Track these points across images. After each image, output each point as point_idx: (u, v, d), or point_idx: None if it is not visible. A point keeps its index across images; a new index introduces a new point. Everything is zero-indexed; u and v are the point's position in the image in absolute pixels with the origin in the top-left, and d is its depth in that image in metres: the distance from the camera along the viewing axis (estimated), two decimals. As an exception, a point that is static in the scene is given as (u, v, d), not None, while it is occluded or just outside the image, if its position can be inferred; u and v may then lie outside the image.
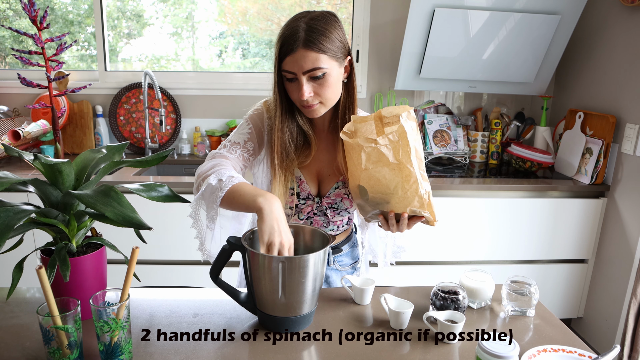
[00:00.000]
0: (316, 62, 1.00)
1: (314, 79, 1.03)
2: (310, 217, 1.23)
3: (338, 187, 1.19)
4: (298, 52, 1.00)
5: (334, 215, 1.22)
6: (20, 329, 0.94)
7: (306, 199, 1.20)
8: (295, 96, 1.06)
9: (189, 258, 2.16)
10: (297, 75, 1.02)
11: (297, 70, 1.01)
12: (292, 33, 1.00)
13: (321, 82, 1.03)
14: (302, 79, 1.02)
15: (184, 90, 2.61)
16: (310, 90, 1.03)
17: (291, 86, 1.06)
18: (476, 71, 2.40)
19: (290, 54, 1.01)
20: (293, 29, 1.01)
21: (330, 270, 1.31)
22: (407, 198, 1.01)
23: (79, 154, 0.95)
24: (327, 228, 1.26)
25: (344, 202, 1.21)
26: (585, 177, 2.22)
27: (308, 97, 1.03)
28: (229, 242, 0.95)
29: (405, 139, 0.98)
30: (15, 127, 2.36)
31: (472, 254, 2.24)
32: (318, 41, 1.00)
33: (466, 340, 0.94)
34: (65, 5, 2.69)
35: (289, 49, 1.00)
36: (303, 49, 0.99)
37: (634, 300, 1.94)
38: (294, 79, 1.04)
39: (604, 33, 2.26)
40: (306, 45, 0.99)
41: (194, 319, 0.99)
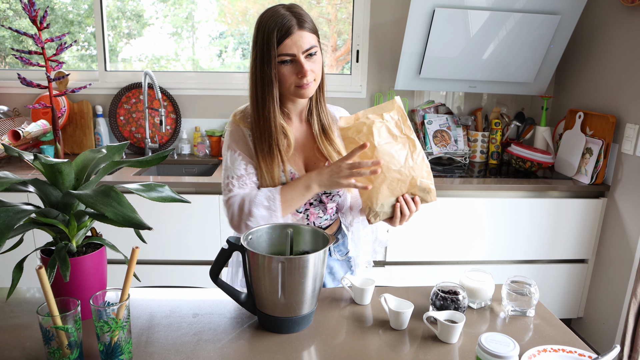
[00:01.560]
0: (311, 40, 1.11)
1: (309, 57, 1.11)
2: (307, 209, 1.24)
3: None
4: (296, 33, 1.08)
5: (328, 201, 1.25)
6: (20, 329, 0.94)
7: None
8: (292, 78, 1.11)
9: (189, 258, 2.16)
10: (297, 56, 1.09)
11: (296, 50, 1.09)
12: (282, 19, 1.08)
13: (315, 60, 1.12)
14: (301, 58, 1.09)
15: (184, 90, 2.61)
16: (309, 68, 1.10)
17: (287, 69, 1.11)
18: (476, 71, 2.40)
19: (288, 36, 1.08)
20: (282, 17, 1.09)
21: (333, 261, 1.33)
22: (417, 167, 1.09)
23: (79, 154, 0.95)
24: (322, 218, 1.27)
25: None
26: (585, 177, 2.22)
27: (309, 75, 1.10)
28: (229, 242, 0.95)
29: (404, 115, 1.10)
30: (15, 127, 2.36)
31: (472, 254, 2.24)
32: (307, 22, 1.11)
33: (466, 340, 0.94)
34: (65, 5, 2.69)
35: (287, 32, 1.08)
36: (299, 30, 1.08)
37: (634, 300, 1.94)
38: (290, 61, 1.10)
39: (604, 33, 2.25)
40: (301, 26, 1.09)
41: (194, 319, 0.99)
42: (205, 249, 2.14)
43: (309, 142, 1.24)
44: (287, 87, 1.13)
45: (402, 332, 0.96)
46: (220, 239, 2.12)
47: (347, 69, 2.73)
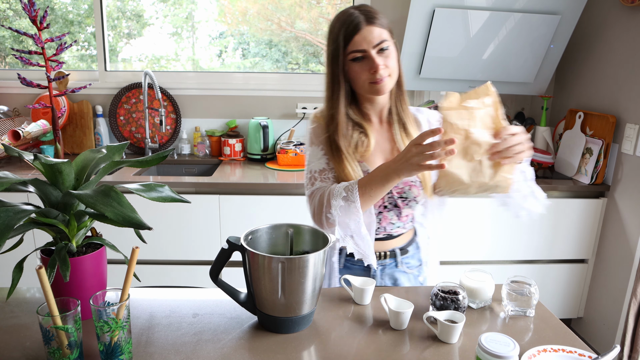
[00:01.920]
0: (381, 35, 1.09)
1: (381, 52, 1.10)
2: (381, 212, 1.22)
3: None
4: (365, 29, 1.08)
5: (404, 207, 1.22)
6: (20, 329, 0.94)
7: None
8: (365, 75, 1.10)
9: (189, 258, 2.16)
10: (367, 50, 1.08)
11: (366, 45, 1.08)
12: (350, 17, 1.09)
13: (387, 54, 1.10)
14: (372, 53, 1.08)
15: (184, 90, 2.61)
16: (382, 63, 1.09)
17: (359, 67, 1.10)
18: (476, 71, 2.40)
19: (357, 32, 1.08)
20: (350, 15, 1.09)
21: (399, 273, 1.28)
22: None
23: (79, 154, 0.95)
24: (395, 225, 1.24)
25: (412, 190, 1.20)
26: (585, 177, 2.22)
27: (382, 70, 1.09)
28: (229, 242, 0.95)
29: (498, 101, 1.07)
30: (15, 127, 2.36)
31: (472, 254, 2.24)
32: (376, 17, 1.10)
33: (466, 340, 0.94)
34: (65, 5, 2.69)
35: (355, 29, 1.08)
36: (368, 26, 1.08)
37: (634, 300, 1.94)
38: (362, 58, 1.09)
39: (604, 33, 2.25)
40: (369, 21, 1.08)
41: (194, 319, 0.99)
42: (205, 249, 2.14)
43: (389, 143, 1.22)
44: (360, 84, 1.12)
45: (402, 332, 0.96)
46: (220, 239, 2.12)
47: (347, 69, 2.73)
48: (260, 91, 2.63)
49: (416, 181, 1.20)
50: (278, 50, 2.81)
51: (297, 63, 2.84)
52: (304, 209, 2.13)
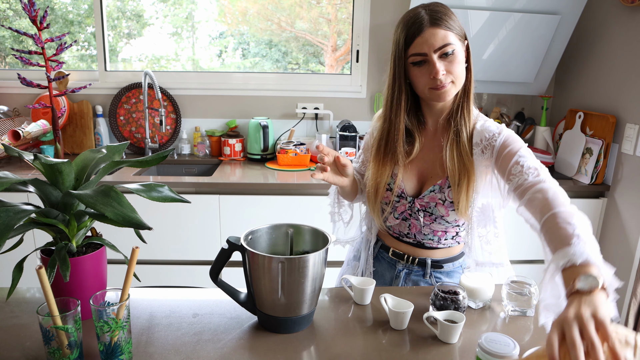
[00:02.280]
0: (445, 38, 1.02)
1: (444, 57, 1.03)
2: (407, 219, 1.20)
3: (434, 190, 1.14)
4: (427, 31, 1.01)
5: (430, 222, 1.16)
6: (20, 329, 0.94)
7: (400, 197, 1.17)
8: (425, 80, 1.05)
9: (189, 258, 2.16)
10: (428, 54, 1.03)
11: (427, 49, 1.02)
12: (415, 17, 1.03)
13: (451, 59, 1.04)
14: (434, 57, 1.03)
15: (184, 90, 2.61)
16: (443, 68, 1.03)
17: (419, 71, 1.05)
18: (476, 71, 2.40)
19: (419, 34, 1.02)
20: (414, 15, 1.04)
21: (425, 284, 1.23)
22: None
23: (79, 154, 0.95)
24: (426, 237, 1.19)
25: (439, 208, 1.14)
26: (585, 177, 2.22)
27: (442, 75, 1.03)
28: (229, 242, 0.95)
29: None
30: (15, 127, 2.36)
31: (472, 254, 2.24)
32: (443, 19, 1.02)
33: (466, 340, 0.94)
34: (65, 5, 2.69)
35: (417, 30, 1.02)
36: (431, 28, 1.01)
37: (634, 300, 1.94)
38: (422, 62, 1.04)
39: (604, 33, 2.25)
40: (433, 23, 1.02)
41: (194, 319, 0.99)
42: (205, 249, 2.14)
43: (435, 152, 1.16)
44: (421, 89, 1.08)
45: (402, 332, 0.96)
46: (220, 239, 2.12)
47: (347, 69, 2.73)
48: (260, 91, 2.63)
49: (446, 200, 1.13)
50: (278, 50, 2.81)
51: (297, 63, 2.84)
52: (304, 209, 2.13)
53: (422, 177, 1.18)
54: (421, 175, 1.18)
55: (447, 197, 1.14)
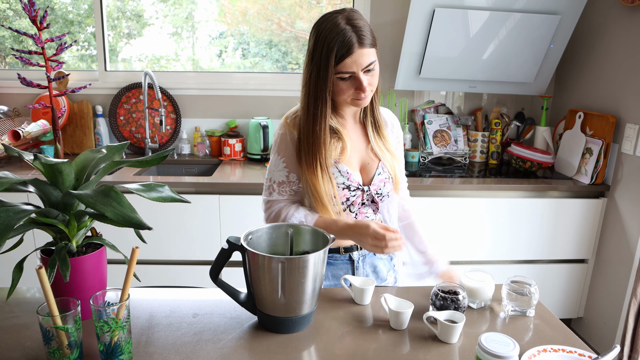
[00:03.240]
0: (370, 56, 1.09)
1: (368, 72, 1.11)
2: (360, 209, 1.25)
3: (380, 172, 1.24)
4: (356, 52, 1.07)
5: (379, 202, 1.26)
6: (20, 329, 0.94)
7: (356, 190, 1.21)
8: (349, 92, 1.12)
9: (189, 258, 2.16)
10: (356, 73, 1.09)
11: (356, 69, 1.08)
12: (343, 36, 1.06)
13: (373, 73, 1.12)
14: (361, 75, 1.09)
15: (184, 90, 2.61)
16: (367, 82, 1.10)
17: (346, 84, 1.11)
18: (476, 71, 2.40)
19: (348, 55, 1.07)
20: (341, 32, 1.06)
21: (377, 260, 1.32)
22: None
23: (79, 154, 0.95)
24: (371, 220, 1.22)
25: (386, 185, 1.25)
26: (585, 177, 2.22)
27: (367, 89, 1.11)
28: (229, 242, 0.95)
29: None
30: (15, 127, 2.36)
31: (472, 254, 2.24)
32: (367, 37, 1.08)
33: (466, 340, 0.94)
34: (65, 5, 2.69)
35: (347, 51, 1.06)
36: (360, 49, 1.07)
37: (634, 300, 1.94)
38: (348, 78, 1.10)
39: (604, 33, 2.25)
40: (361, 44, 1.07)
41: (194, 319, 0.99)
42: (205, 249, 2.14)
43: (363, 142, 1.25)
44: (344, 98, 1.13)
45: (402, 332, 0.96)
46: (220, 239, 2.12)
47: (347, 69, 2.73)
48: (260, 91, 2.63)
49: (389, 178, 1.25)
50: (278, 50, 2.81)
51: (297, 63, 2.84)
52: (304, 209, 2.12)
53: (362, 167, 1.25)
54: (361, 165, 1.25)
55: (389, 174, 1.26)
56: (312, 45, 1.11)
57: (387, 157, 1.24)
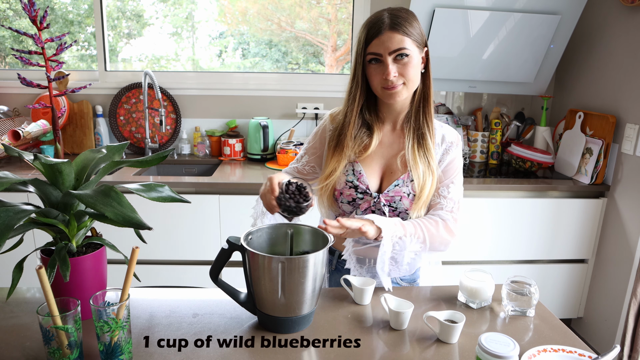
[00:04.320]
0: (401, 42, 1.07)
1: (398, 60, 1.09)
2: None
3: (398, 184, 1.17)
4: (385, 34, 1.07)
5: (392, 216, 1.18)
6: (20, 329, 0.94)
7: (364, 194, 1.19)
8: (379, 79, 1.11)
9: (189, 258, 2.16)
10: (383, 56, 1.08)
11: (383, 50, 1.08)
12: (377, 19, 1.09)
13: (405, 63, 1.09)
14: (388, 59, 1.08)
15: (184, 90, 2.61)
16: (395, 71, 1.09)
17: (375, 69, 1.11)
18: (476, 71, 2.40)
19: (377, 36, 1.08)
20: (378, 17, 1.10)
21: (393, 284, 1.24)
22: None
23: (79, 154, 0.95)
24: None
25: (403, 201, 1.17)
26: (585, 177, 2.22)
27: (393, 77, 1.09)
28: (229, 242, 0.95)
29: None
30: (15, 127, 2.36)
31: (472, 254, 2.24)
32: (402, 25, 1.08)
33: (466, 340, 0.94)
34: (65, 5, 2.69)
35: (376, 32, 1.08)
36: (389, 31, 1.07)
37: (634, 300, 1.94)
38: (378, 61, 1.10)
39: (604, 33, 2.25)
40: (392, 27, 1.07)
41: (194, 319, 0.99)
42: (205, 249, 2.14)
43: (396, 150, 1.20)
44: (374, 86, 1.14)
45: (402, 332, 0.96)
46: (220, 239, 2.12)
47: (347, 69, 2.73)
48: (260, 91, 2.63)
49: (410, 193, 1.17)
50: (278, 50, 2.81)
51: (297, 63, 2.84)
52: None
53: (381, 174, 1.21)
54: (381, 171, 1.21)
55: (411, 191, 1.18)
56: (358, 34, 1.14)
57: (420, 170, 1.15)
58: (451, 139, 1.20)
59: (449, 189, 1.20)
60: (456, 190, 1.21)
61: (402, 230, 1.10)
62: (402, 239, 1.10)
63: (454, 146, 1.20)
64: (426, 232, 1.13)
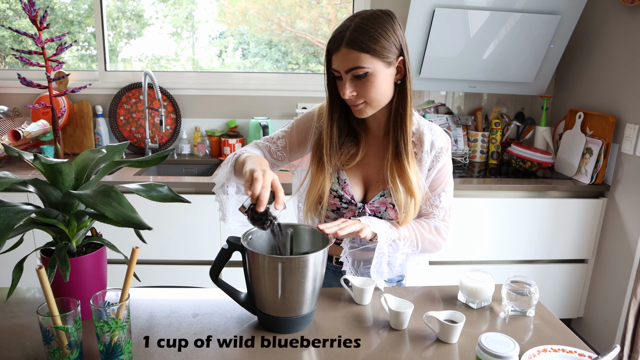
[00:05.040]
0: (357, 61, 1.00)
1: (357, 78, 1.03)
2: None
3: (384, 194, 1.14)
4: (341, 50, 1.02)
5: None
6: (20, 329, 0.94)
7: (348, 204, 1.16)
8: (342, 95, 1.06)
9: (188, 258, 2.16)
10: (341, 73, 1.04)
11: (340, 68, 1.03)
12: (339, 32, 1.03)
13: (364, 82, 1.03)
14: (345, 77, 1.04)
15: (184, 90, 2.61)
16: (352, 90, 1.04)
17: (339, 84, 1.07)
18: (476, 71, 2.40)
19: (335, 52, 1.03)
20: (341, 28, 1.03)
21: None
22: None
23: (79, 154, 0.95)
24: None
25: (389, 212, 1.15)
26: (585, 177, 2.22)
27: (350, 96, 1.04)
28: (229, 242, 0.95)
29: None
30: (15, 127, 2.36)
31: (472, 254, 2.24)
32: (360, 40, 0.99)
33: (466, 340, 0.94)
34: (65, 5, 2.69)
35: (335, 47, 1.03)
36: (345, 48, 1.01)
37: (634, 300, 1.94)
38: (340, 77, 1.06)
39: (604, 33, 2.25)
40: (348, 44, 1.00)
41: (194, 319, 0.99)
42: (205, 249, 2.14)
43: (379, 158, 1.16)
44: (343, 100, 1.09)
45: (402, 332, 0.96)
46: (220, 239, 2.12)
47: (347, 69, 2.73)
48: (260, 91, 2.63)
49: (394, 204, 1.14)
50: (278, 50, 2.81)
51: (297, 63, 2.84)
52: (304, 209, 2.13)
53: (367, 183, 1.18)
54: (366, 180, 1.18)
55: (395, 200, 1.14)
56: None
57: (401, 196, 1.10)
58: (440, 144, 1.15)
59: (441, 197, 1.18)
60: (447, 198, 1.19)
61: (396, 233, 1.11)
62: (396, 241, 1.11)
63: (444, 152, 1.15)
64: (419, 236, 1.14)
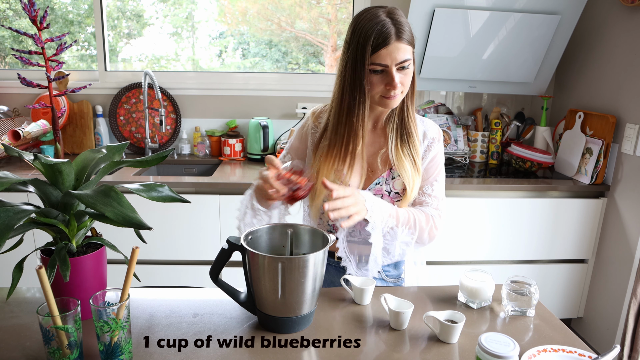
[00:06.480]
0: (407, 53, 1.05)
1: (401, 70, 1.07)
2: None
3: (379, 183, 1.18)
4: (393, 44, 1.03)
5: None
6: (20, 329, 0.94)
7: None
8: (379, 88, 1.08)
9: (189, 258, 2.16)
10: (389, 67, 1.05)
11: (390, 62, 1.04)
12: (382, 27, 1.03)
13: (406, 72, 1.08)
14: (393, 70, 1.05)
15: (184, 90, 2.61)
16: (399, 80, 1.07)
17: (377, 78, 1.07)
18: (476, 71, 2.40)
19: (384, 46, 1.03)
20: (380, 23, 1.03)
21: (378, 280, 1.28)
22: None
23: (79, 154, 0.95)
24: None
25: (384, 199, 1.17)
26: (585, 177, 2.22)
27: (398, 88, 1.07)
28: (229, 242, 0.95)
29: None
30: (15, 127, 2.36)
31: (472, 254, 2.24)
32: (407, 33, 1.05)
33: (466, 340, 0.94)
34: (65, 5, 2.69)
35: (383, 42, 1.03)
36: (397, 42, 1.03)
37: (634, 300, 1.94)
38: (379, 72, 1.06)
39: (604, 33, 2.25)
40: (399, 37, 1.03)
41: (194, 319, 0.99)
42: (205, 249, 2.14)
43: (377, 149, 1.20)
44: (372, 95, 1.10)
45: (402, 332, 0.96)
46: (220, 239, 2.12)
47: (347, 69, 2.73)
48: (260, 91, 2.63)
49: (391, 191, 1.18)
50: (278, 50, 2.81)
51: (297, 63, 2.84)
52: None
53: (362, 172, 1.20)
54: (362, 170, 1.20)
55: (392, 189, 1.19)
56: (350, 34, 1.08)
57: (408, 168, 1.15)
58: (432, 134, 1.21)
59: (433, 186, 1.21)
60: (439, 187, 1.22)
61: (393, 221, 1.13)
62: (394, 229, 1.13)
63: (436, 142, 1.21)
64: (417, 221, 1.16)
